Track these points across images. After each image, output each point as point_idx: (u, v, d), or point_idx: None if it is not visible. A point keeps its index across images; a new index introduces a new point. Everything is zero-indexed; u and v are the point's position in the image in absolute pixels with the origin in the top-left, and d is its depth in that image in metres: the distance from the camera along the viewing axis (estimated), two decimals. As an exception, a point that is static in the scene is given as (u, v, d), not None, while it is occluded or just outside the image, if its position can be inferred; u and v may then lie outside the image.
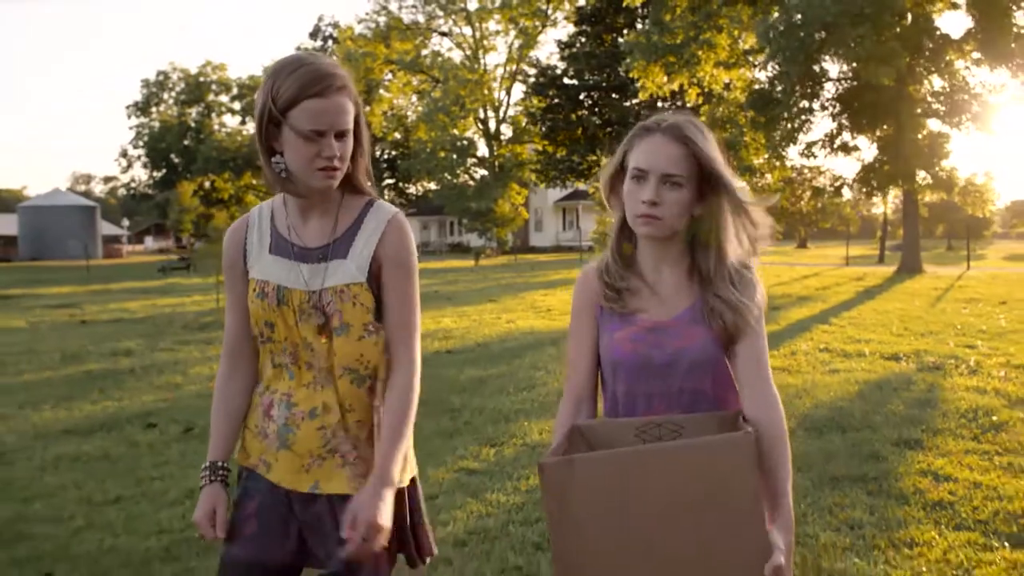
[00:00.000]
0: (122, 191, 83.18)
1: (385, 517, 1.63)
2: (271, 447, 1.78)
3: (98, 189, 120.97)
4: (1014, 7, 19.90)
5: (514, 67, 49.13)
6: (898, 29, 18.56)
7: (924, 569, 3.37)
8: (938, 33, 19.62)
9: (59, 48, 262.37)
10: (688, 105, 24.73)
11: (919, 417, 5.94)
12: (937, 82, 22.12)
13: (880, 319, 12.11)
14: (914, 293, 16.83)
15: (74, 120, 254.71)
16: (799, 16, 19.09)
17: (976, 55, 20.39)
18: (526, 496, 4.38)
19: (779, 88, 20.54)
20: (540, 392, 7.17)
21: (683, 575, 1.42)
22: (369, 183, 1.80)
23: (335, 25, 59.33)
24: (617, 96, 42.81)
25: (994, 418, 5.85)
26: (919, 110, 21.50)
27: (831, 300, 15.51)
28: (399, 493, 1.75)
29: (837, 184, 25.58)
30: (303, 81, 1.63)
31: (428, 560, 1.84)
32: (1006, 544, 3.61)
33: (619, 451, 1.49)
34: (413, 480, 1.83)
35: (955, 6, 20.28)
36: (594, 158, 43.06)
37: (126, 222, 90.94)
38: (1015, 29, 19.99)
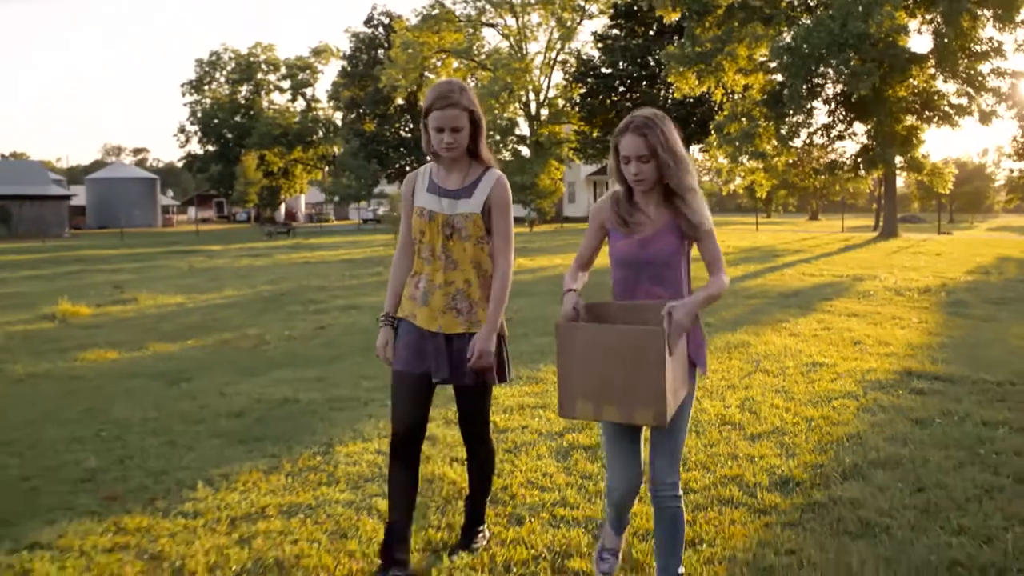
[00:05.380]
0: (153, 163, 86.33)
1: (491, 346, 3.02)
2: (417, 304, 3.09)
3: (127, 160, 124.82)
4: (975, 30, 25.80)
5: (554, 54, 54.80)
6: (874, 51, 24.57)
7: (814, 324, 9.59)
8: (906, 54, 25.60)
9: (86, 23, 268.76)
10: (715, 102, 30.73)
11: (837, 293, 12.20)
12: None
13: (845, 261, 18.30)
14: (881, 250, 22.88)
15: (101, 93, 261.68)
16: (802, 39, 25.16)
17: (932, 71, 26.51)
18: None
19: (787, 92, 26.56)
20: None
21: (622, 388, 2.59)
22: (488, 155, 3.06)
23: (387, 14, 64.56)
24: (647, 84, 48.42)
25: (871, 292, 12.11)
26: (895, 109, 27.53)
27: (817, 252, 21.70)
28: (498, 338, 3.11)
29: (832, 163, 31.50)
30: (432, 98, 2.92)
31: (509, 378, 3.19)
32: (843, 317, 9.87)
33: (600, 325, 2.69)
34: (503, 336, 3.16)
35: (920, 32, 26.43)
36: (627, 138, 48.69)
37: (171, 193, 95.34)
38: (970, 47, 25.98)
